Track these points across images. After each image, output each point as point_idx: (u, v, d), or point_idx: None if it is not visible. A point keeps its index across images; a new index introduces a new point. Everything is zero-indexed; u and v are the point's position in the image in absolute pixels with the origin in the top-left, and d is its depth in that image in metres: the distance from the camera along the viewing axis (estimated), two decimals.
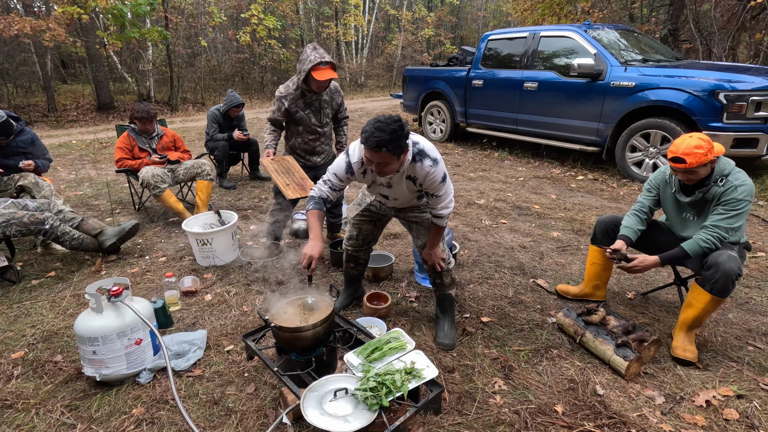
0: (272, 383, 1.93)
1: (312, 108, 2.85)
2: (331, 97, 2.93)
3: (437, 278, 2.25)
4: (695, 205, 2.09)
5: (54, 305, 2.58)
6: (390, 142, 1.63)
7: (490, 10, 24.64)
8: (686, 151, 1.88)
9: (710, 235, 1.94)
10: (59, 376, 1.99)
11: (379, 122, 1.66)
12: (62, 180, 5.24)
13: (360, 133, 1.71)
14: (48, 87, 11.02)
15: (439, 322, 2.26)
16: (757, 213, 3.83)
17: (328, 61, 2.61)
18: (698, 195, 2.02)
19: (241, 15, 13.98)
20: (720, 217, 1.93)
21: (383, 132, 1.62)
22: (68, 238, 2.91)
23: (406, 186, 1.96)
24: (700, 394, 1.83)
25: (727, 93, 4.03)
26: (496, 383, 1.93)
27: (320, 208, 1.98)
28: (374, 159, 1.70)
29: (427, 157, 1.84)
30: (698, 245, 1.96)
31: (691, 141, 1.89)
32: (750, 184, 1.92)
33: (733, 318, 2.38)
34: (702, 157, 1.86)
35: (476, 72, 6.36)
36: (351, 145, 1.95)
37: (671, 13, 8.60)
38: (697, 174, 1.94)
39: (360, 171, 1.94)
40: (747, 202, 1.90)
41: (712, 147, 1.89)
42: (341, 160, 1.95)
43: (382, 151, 1.65)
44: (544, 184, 4.89)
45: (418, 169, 1.85)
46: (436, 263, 2.17)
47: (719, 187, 1.95)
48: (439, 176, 1.86)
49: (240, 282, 2.82)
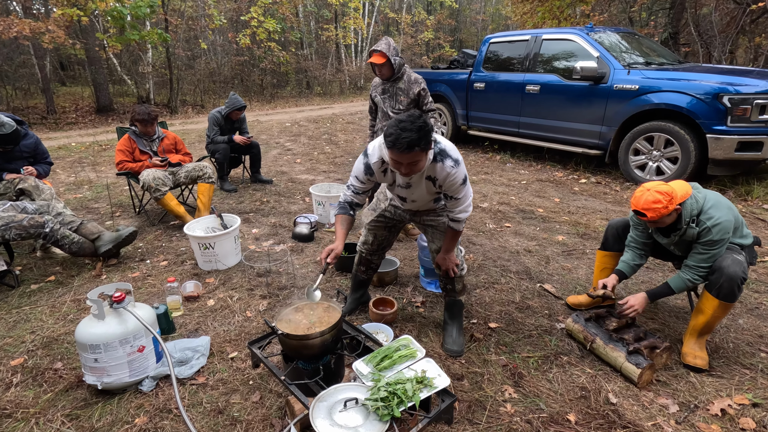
0: (278, 391, 1.89)
1: (388, 94, 3.13)
2: (409, 86, 3.08)
3: (448, 284, 2.21)
4: (677, 244, 2.09)
5: (54, 310, 2.53)
6: (420, 140, 1.59)
7: (489, 14, 24.72)
8: (645, 206, 1.88)
9: (696, 274, 1.97)
10: (59, 384, 1.94)
11: (402, 122, 1.60)
12: (61, 183, 5.20)
13: (384, 137, 1.66)
14: (47, 89, 10.98)
15: (447, 329, 2.22)
16: (762, 216, 3.81)
17: (378, 49, 2.91)
18: (674, 238, 2.04)
19: (241, 17, 13.97)
20: (701, 256, 1.94)
21: (410, 131, 1.57)
22: (68, 241, 2.86)
23: (425, 187, 1.91)
24: (714, 402, 1.79)
25: (731, 96, 4.01)
26: (507, 391, 1.89)
27: (345, 213, 2.00)
28: (404, 160, 1.65)
29: (449, 157, 1.79)
30: (684, 284, 2.00)
31: (648, 196, 1.87)
32: (724, 220, 1.87)
33: (744, 324, 2.35)
34: (662, 210, 1.86)
35: (478, 75, 6.34)
36: (369, 146, 1.93)
37: (671, 16, 8.62)
38: (663, 223, 1.95)
39: (380, 171, 1.92)
40: (724, 240, 1.89)
41: (672, 197, 1.85)
42: (360, 163, 1.93)
43: (414, 151, 1.60)
44: (547, 188, 4.86)
45: (438, 169, 1.80)
46: (450, 269, 2.11)
47: (694, 229, 1.95)
48: (460, 178, 1.82)
49: (243, 287, 2.78)
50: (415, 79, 3.09)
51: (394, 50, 2.96)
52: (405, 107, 3.09)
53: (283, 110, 12.30)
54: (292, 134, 8.36)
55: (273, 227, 3.79)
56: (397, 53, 2.98)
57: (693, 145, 4.26)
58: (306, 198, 4.58)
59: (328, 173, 5.58)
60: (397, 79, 3.07)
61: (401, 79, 3.06)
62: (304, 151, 6.93)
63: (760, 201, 4.16)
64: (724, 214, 1.89)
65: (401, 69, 3.05)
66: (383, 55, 2.89)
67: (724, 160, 4.17)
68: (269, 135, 8.23)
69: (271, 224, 3.86)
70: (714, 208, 1.91)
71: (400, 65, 3.02)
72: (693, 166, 4.30)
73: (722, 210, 1.90)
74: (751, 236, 2.06)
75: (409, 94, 3.07)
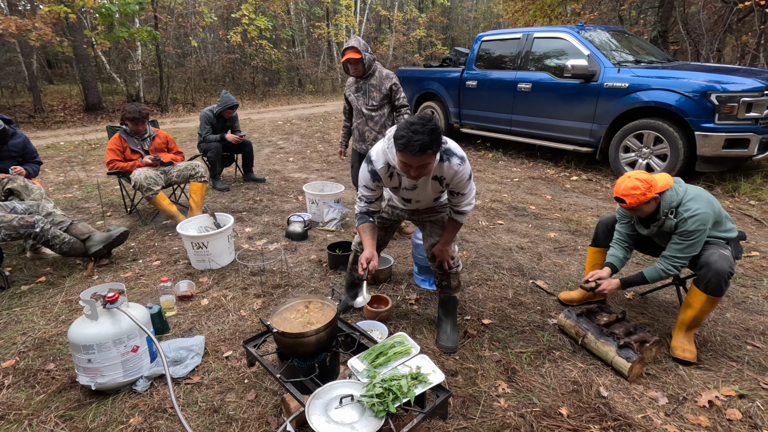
0: (273, 389, 1.89)
1: (361, 92, 3.14)
2: (380, 81, 3.09)
3: (444, 280, 2.22)
4: (657, 236, 2.15)
5: (45, 311, 2.51)
6: (432, 143, 1.59)
7: (481, 12, 24.76)
8: (624, 192, 1.95)
9: (671, 264, 2.01)
10: (52, 385, 1.93)
11: (413, 124, 1.59)
12: (51, 182, 5.13)
13: (394, 139, 1.65)
14: (34, 87, 10.80)
15: (441, 325, 2.24)
16: (749, 212, 3.88)
17: (352, 45, 2.95)
18: (653, 229, 2.08)
19: (232, 15, 13.85)
20: (677, 247, 1.99)
21: (422, 134, 1.57)
22: (59, 241, 2.83)
23: (431, 187, 1.93)
24: (702, 394, 1.83)
25: (718, 94, 4.07)
26: (500, 386, 1.91)
27: (366, 221, 2.00)
28: (415, 163, 1.64)
29: (455, 156, 1.80)
30: (658, 274, 2.04)
31: (628, 182, 1.95)
32: (702, 212, 1.91)
33: (731, 317, 2.40)
34: (640, 197, 1.92)
35: (470, 73, 6.37)
36: (372, 152, 1.91)
37: (660, 15, 8.71)
38: (642, 211, 2.01)
39: (387, 175, 1.91)
40: (700, 231, 1.93)
41: (651, 185, 1.93)
42: (365, 171, 1.92)
43: (426, 154, 1.60)
44: (539, 185, 4.91)
45: (445, 168, 1.82)
46: (446, 260, 2.13)
47: (671, 220, 2.00)
48: (466, 174, 1.85)
49: (237, 286, 2.78)
50: (387, 74, 3.11)
51: (364, 46, 2.99)
52: (378, 103, 3.10)
53: (276, 108, 12.24)
54: (285, 132, 8.32)
55: (266, 226, 3.79)
56: (367, 49, 3.01)
57: (681, 143, 4.32)
58: (299, 196, 4.57)
59: (321, 171, 5.57)
60: (369, 76, 3.09)
61: (373, 76, 3.09)
62: (297, 149, 6.91)
63: (746, 197, 4.24)
64: (703, 206, 1.93)
65: (372, 65, 3.07)
66: (357, 51, 2.92)
67: (711, 157, 4.24)
68: (261, 133, 8.19)
69: (264, 223, 3.85)
70: (693, 201, 1.96)
71: (371, 61, 3.04)
72: (682, 163, 4.37)
73: (701, 202, 1.95)
74: (736, 230, 2.10)
75: (381, 90, 3.09)
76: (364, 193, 1.98)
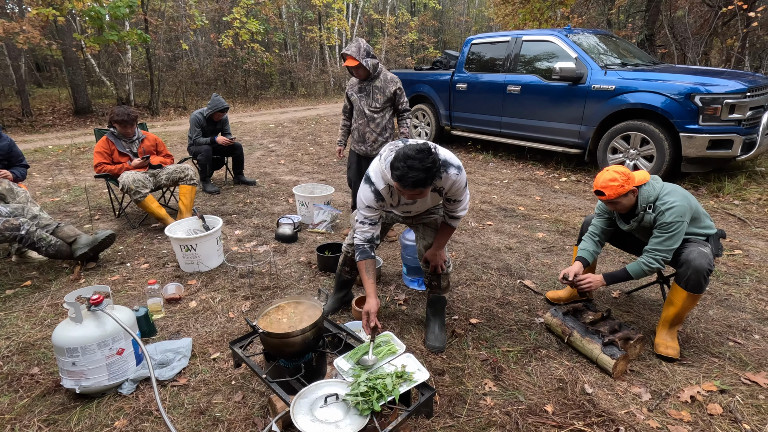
0: (260, 390, 1.89)
1: (364, 93, 3.16)
2: (385, 84, 3.11)
3: (434, 280, 2.22)
4: (638, 231, 2.18)
5: (30, 316, 2.48)
6: (426, 180, 1.59)
7: (472, 15, 24.96)
8: (603, 184, 2.00)
9: (652, 258, 2.02)
10: (36, 389, 1.91)
11: (410, 159, 1.57)
12: (38, 186, 5.08)
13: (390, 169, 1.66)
14: (22, 91, 10.69)
15: (429, 325, 2.25)
16: (733, 212, 3.95)
17: (348, 53, 2.95)
18: (633, 224, 2.12)
19: (223, 18, 13.83)
20: (657, 240, 2.01)
21: (418, 171, 1.57)
22: (45, 244, 2.81)
23: (430, 198, 1.97)
24: (684, 390, 1.86)
25: (702, 96, 4.15)
26: (487, 384, 1.93)
27: (366, 257, 1.95)
28: (407, 194, 1.68)
29: (452, 166, 1.82)
30: (641, 268, 2.05)
31: (606, 174, 2.00)
32: (678, 205, 1.96)
33: (714, 314, 2.44)
34: (618, 189, 1.97)
35: (460, 76, 6.42)
36: (371, 173, 1.89)
37: (647, 19, 8.85)
38: (621, 204, 2.04)
39: (388, 195, 1.92)
40: (678, 223, 1.96)
41: (628, 178, 1.98)
42: (367, 191, 1.89)
43: (418, 189, 1.62)
44: (528, 186, 4.95)
45: (443, 179, 1.84)
46: (439, 265, 2.15)
47: (650, 215, 2.04)
48: (463, 182, 1.87)
49: (225, 288, 2.77)
50: (391, 78, 3.13)
51: (364, 52, 2.98)
52: (381, 105, 3.13)
53: (267, 111, 12.22)
54: (276, 135, 8.32)
55: (256, 228, 3.78)
56: (368, 54, 3.01)
57: (667, 144, 4.39)
58: (289, 199, 4.57)
59: (312, 174, 5.58)
60: (374, 78, 3.11)
61: (378, 78, 3.11)
62: (288, 152, 6.91)
63: (731, 197, 4.31)
64: (679, 199, 1.98)
65: (377, 69, 3.08)
66: (353, 58, 2.95)
67: (696, 158, 4.31)
68: (253, 136, 8.17)
69: (254, 225, 3.84)
70: (669, 194, 2.01)
71: (374, 65, 3.05)
72: (668, 163, 4.43)
73: (676, 195, 2.00)
74: (714, 227, 2.15)
75: (386, 93, 3.11)
76: (367, 215, 1.93)
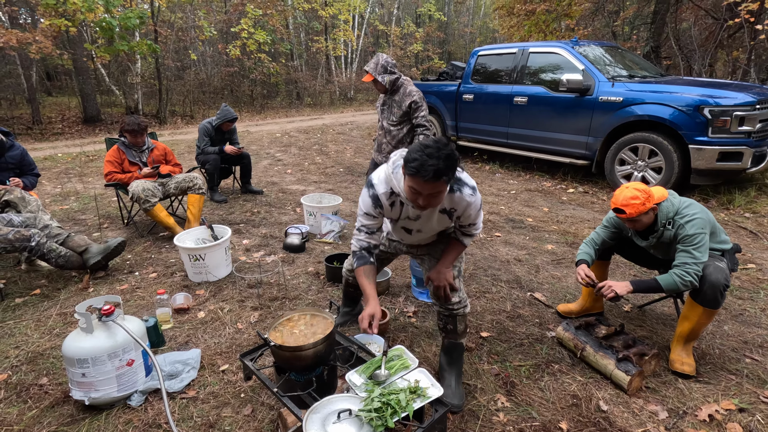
0: (270, 404, 1.87)
1: (386, 106, 3.27)
2: (402, 98, 3.17)
3: (449, 323, 1.90)
4: (656, 247, 2.15)
5: (39, 324, 2.48)
6: (447, 169, 1.43)
7: (477, 27, 25.16)
8: (624, 202, 1.96)
9: (684, 271, 1.92)
10: (45, 400, 1.90)
11: (428, 148, 1.44)
12: (47, 194, 5.12)
13: (406, 163, 1.49)
14: (33, 99, 10.85)
15: (444, 376, 1.93)
16: (744, 225, 3.91)
17: (366, 69, 3.12)
18: (652, 240, 2.09)
19: (231, 29, 14.02)
20: (684, 254, 1.96)
21: (438, 159, 1.41)
22: (54, 255, 2.82)
23: (437, 220, 1.76)
24: (702, 408, 1.82)
25: (711, 108, 4.14)
26: (499, 400, 1.90)
27: (365, 263, 1.79)
28: (426, 190, 1.48)
29: (466, 186, 1.65)
30: (673, 280, 1.93)
31: (627, 192, 1.97)
32: (699, 217, 1.94)
33: (729, 330, 2.40)
34: (640, 207, 1.94)
35: (466, 87, 6.45)
36: (374, 176, 1.75)
37: (653, 30, 8.88)
38: (641, 222, 2.01)
39: (388, 203, 1.74)
40: (701, 235, 1.93)
41: (649, 196, 1.95)
42: (365, 196, 1.75)
43: (440, 181, 1.45)
44: (535, 197, 4.93)
45: (456, 199, 1.66)
46: (444, 286, 1.82)
47: (670, 231, 2.01)
48: (478, 204, 1.71)
49: (234, 298, 2.76)
50: (410, 91, 3.15)
51: (381, 68, 3.06)
52: (398, 119, 3.16)
53: (274, 121, 12.31)
54: (283, 145, 8.36)
55: (264, 238, 3.78)
56: (386, 70, 3.07)
57: (676, 156, 4.37)
58: (297, 208, 4.57)
59: (319, 183, 5.59)
60: (394, 92, 3.19)
61: (398, 92, 3.17)
62: (295, 161, 6.94)
63: (741, 209, 4.27)
64: (698, 212, 1.97)
65: (395, 83, 3.13)
66: (370, 73, 3.05)
67: (706, 170, 4.28)
68: (259, 145, 8.22)
69: (261, 235, 3.84)
70: (688, 208, 1.99)
71: (392, 81, 3.10)
72: (676, 175, 4.41)
73: (696, 208, 1.99)
74: (730, 242, 2.12)
75: (402, 107, 3.15)
76: (364, 222, 1.80)
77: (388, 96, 3.24)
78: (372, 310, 1.67)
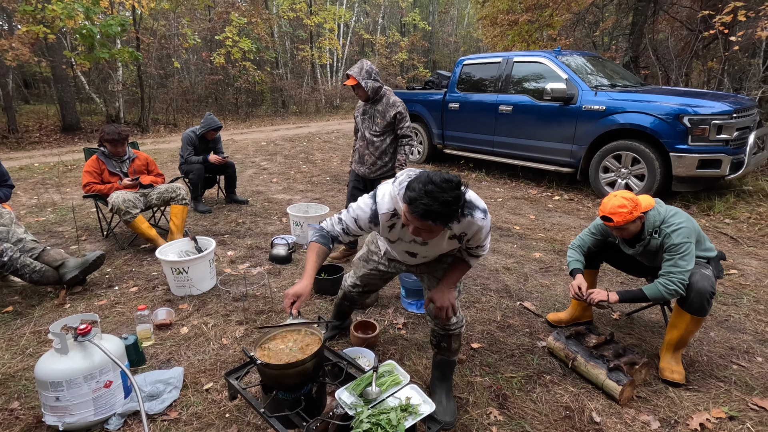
0: (256, 424, 1.80)
1: (367, 115, 3.16)
2: (386, 108, 3.08)
3: (443, 341, 1.85)
4: (643, 255, 2.18)
5: (11, 344, 2.36)
6: (440, 215, 1.33)
7: (461, 36, 25.53)
8: (612, 210, 1.98)
9: (668, 280, 1.96)
10: (16, 425, 1.80)
11: (430, 184, 1.33)
12: (23, 205, 4.94)
13: (406, 189, 1.41)
14: (9, 107, 10.53)
15: (436, 392, 1.90)
16: (725, 231, 3.99)
17: (349, 73, 2.98)
18: (639, 248, 2.12)
19: (216, 37, 13.91)
20: (670, 262, 1.99)
21: (434, 201, 1.31)
22: (29, 270, 2.70)
23: (446, 244, 1.68)
24: (693, 417, 1.82)
25: (690, 117, 4.24)
26: (492, 414, 1.87)
27: (325, 244, 1.70)
28: (415, 223, 1.41)
29: (477, 209, 1.55)
30: (658, 290, 1.98)
31: (615, 201, 1.99)
32: (684, 226, 1.97)
33: (715, 336, 2.42)
34: (627, 215, 1.96)
35: (452, 95, 6.49)
36: (380, 191, 1.65)
37: (631, 41, 9.12)
38: (628, 230, 2.04)
39: (387, 224, 1.66)
40: (686, 244, 1.96)
41: (636, 204, 1.98)
42: (366, 207, 1.65)
43: (429, 221, 1.36)
44: (522, 205, 4.96)
45: (466, 224, 1.56)
46: (446, 309, 1.73)
47: (657, 239, 2.04)
48: (488, 228, 1.62)
49: (218, 312, 2.68)
50: (393, 102, 3.08)
51: (366, 73, 2.95)
52: (381, 129, 3.09)
53: (259, 129, 12.21)
54: (268, 153, 8.28)
55: (249, 249, 3.70)
56: (370, 76, 2.97)
57: (658, 163, 4.46)
58: (283, 218, 4.51)
59: (305, 192, 5.53)
60: (377, 101, 3.09)
61: (380, 102, 3.08)
62: (281, 170, 6.86)
63: (721, 215, 4.36)
64: (684, 221, 1.99)
65: (378, 92, 3.04)
66: (353, 77, 2.96)
67: (686, 177, 4.37)
68: (244, 154, 8.12)
69: (247, 246, 3.77)
70: (674, 216, 2.02)
71: (375, 88, 3.01)
72: (659, 182, 4.49)
73: (681, 217, 2.02)
74: (715, 250, 2.15)
75: (386, 117, 3.07)
76: (349, 224, 1.70)
77: (369, 105, 3.13)
78: (302, 289, 1.60)
